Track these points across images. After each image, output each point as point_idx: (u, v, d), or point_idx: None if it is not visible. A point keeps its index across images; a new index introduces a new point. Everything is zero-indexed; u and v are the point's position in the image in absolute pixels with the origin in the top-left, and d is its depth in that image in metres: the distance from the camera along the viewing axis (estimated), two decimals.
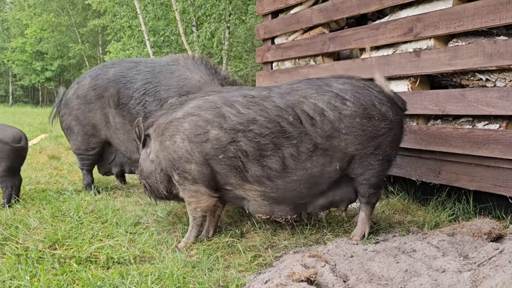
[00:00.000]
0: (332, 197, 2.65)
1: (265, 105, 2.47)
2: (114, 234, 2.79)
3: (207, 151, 2.49)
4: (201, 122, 2.50)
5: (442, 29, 2.90)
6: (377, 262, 2.15)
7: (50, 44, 28.40)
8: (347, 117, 2.42)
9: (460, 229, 2.51)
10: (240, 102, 2.51)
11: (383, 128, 2.46)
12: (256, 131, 2.43)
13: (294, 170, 2.48)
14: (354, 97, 2.45)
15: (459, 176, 2.95)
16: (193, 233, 2.71)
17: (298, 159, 2.45)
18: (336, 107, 2.43)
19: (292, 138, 2.43)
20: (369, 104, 2.45)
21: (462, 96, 2.83)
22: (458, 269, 1.98)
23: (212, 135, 2.47)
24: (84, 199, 3.66)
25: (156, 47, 14.06)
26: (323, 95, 2.46)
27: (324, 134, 2.42)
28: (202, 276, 2.18)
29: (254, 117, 2.44)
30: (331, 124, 2.42)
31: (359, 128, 2.43)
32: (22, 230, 2.80)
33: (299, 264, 2.09)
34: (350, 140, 2.44)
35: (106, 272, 2.21)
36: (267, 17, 4.74)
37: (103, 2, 15.38)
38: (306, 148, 2.43)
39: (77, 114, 3.84)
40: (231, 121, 2.46)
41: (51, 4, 26.86)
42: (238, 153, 2.46)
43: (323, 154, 2.46)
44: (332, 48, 3.84)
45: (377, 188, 2.62)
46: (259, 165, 2.47)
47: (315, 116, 2.42)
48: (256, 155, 2.45)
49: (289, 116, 2.43)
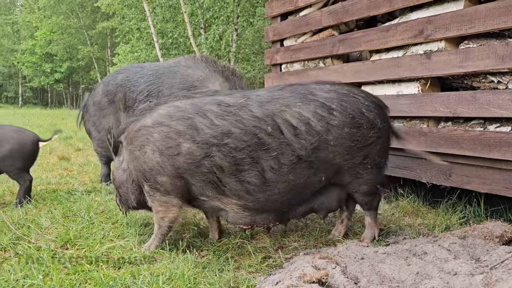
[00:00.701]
0: (312, 204, 2.56)
1: (241, 115, 2.29)
2: (125, 234, 2.81)
3: (180, 164, 2.32)
4: (172, 134, 2.32)
5: (453, 31, 2.89)
6: (388, 265, 2.15)
7: (59, 46, 28.72)
8: (335, 127, 2.31)
9: (471, 232, 2.50)
10: (214, 111, 2.32)
11: (372, 137, 2.38)
12: (231, 145, 2.26)
13: (276, 183, 2.32)
14: (341, 106, 2.34)
15: (470, 179, 2.93)
16: (155, 242, 2.54)
17: (279, 171, 2.29)
18: (323, 117, 2.30)
19: (271, 150, 2.27)
20: (357, 112, 2.36)
21: (474, 98, 2.81)
22: (470, 272, 1.97)
23: (184, 149, 2.30)
24: (94, 199, 3.69)
25: (164, 49, 14.13)
26: (309, 104, 2.33)
27: (310, 146, 2.28)
28: (213, 277, 2.19)
29: (229, 129, 2.26)
30: (318, 135, 2.29)
31: (348, 139, 2.33)
32: (34, 230, 2.83)
33: (309, 266, 2.09)
34: (339, 151, 2.34)
35: (117, 272, 2.23)
36: (276, 19, 4.75)
37: (112, 5, 15.51)
38: (288, 160, 2.28)
39: (93, 120, 4.04)
40: (204, 133, 2.28)
41: (60, 7, 27.14)
42: (213, 168, 2.30)
43: (308, 166, 2.33)
44: (341, 50, 3.84)
45: (371, 195, 2.54)
46: (236, 180, 2.30)
47: (300, 126, 2.28)
48: (232, 170, 2.28)
49: (268, 126, 2.27)
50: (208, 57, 3.70)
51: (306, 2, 4.23)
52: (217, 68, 3.58)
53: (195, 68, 3.55)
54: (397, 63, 3.31)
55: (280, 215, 2.53)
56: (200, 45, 13.52)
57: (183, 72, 3.57)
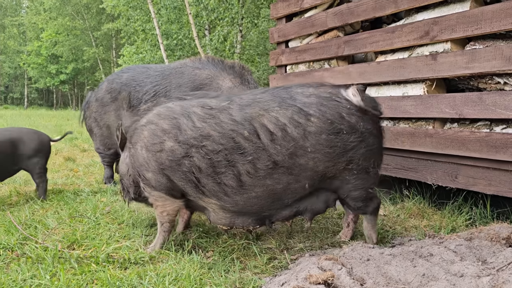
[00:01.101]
0: (297, 208, 2.49)
1: (221, 119, 2.33)
2: (131, 235, 2.82)
3: (162, 161, 2.40)
4: (158, 132, 2.42)
5: (459, 32, 2.88)
6: (394, 266, 2.14)
7: (65, 47, 28.91)
8: (312, 134, 2.24)
9: (477, 234, 2.49)
10: (197, 114, 2.38)
11: (353, 142, 2.29)
12: (209, 148, 2.30)
13: (252, 186, 2.32)
14: (319, 111, 2.27)
15: (476, 180, 2.92)
16: (160, 240, 2.61)
17: (255, 176, 2.29)
18: (299, 123, 2.25)
19: (247, 155, 2.26)
20: (337, 117, 2.27)
21: (480, 100, 2.80)
22: (477, 274, 1.96)
23: (167, 147, 2.38)
24: (100, 200, 3.71)
25: (169, 51, 14.19)
26: (286, 109, 2.28)
27: (286, 152, 2.25)
28: (219, 278, 2.20)
29: (208, 132, 2.31)
30: (294, 141, 2.24)
31: (327, 145, 2.26)
32: (41, 230, 2.86)
33: (315, 267, 2.09)
34: (319, 158, 2.27)
35: (124, 272, 2.24)
36: (281, 21, 4.76)
37: (117, 6, 15.58)
38: (264, 165, 2.26)
39: (95, 116, 4.04)
40: (186, 134, 2.35)
41: (66, 8, 27.33)
42: (192, 168, 2.35)
43: (286, 172, 2.29)
44: (347, 52, 3.84)
45: (363, 201, 2.46)
46: (214, 182, 2.34)
47: (276, 132, 2.25)
48: (209, 171, 2.32)
49: (245, 130, 2.28)
50: (214, 57, 3.71)
51: (311, 3, 4.23)
52: (225, 65, 3.58)
53: (202, 68, 3.57)
54: (403, 64, 3.30)
55: (262, 218, 2.50)
56: (205, 46, 13.56)
57: (191, 72, 3.59)
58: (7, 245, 2.55)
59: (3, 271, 2.24)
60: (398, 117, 3.46)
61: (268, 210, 2.44)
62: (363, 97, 2.39)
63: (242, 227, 2.56)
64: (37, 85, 33.20)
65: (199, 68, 3.55)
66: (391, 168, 3.57)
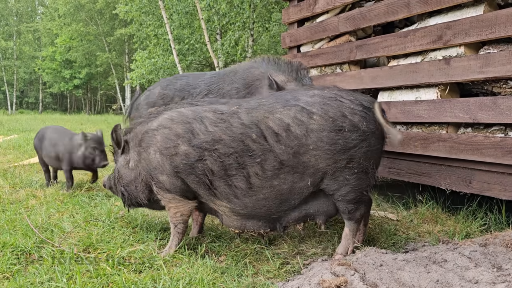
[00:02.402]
0: (306, 210, 2.50)
1: (231, 123, 2.40)
2: (145, 239, 2.86)
3: (177, 164, 2.47)
4: (172, 136, 2.49)
5: (473, 37, 2.87)
6: (407, 272, 2.13)
7: (78, 52, 29.32)
8: (314, 131, 2.28)
9: (492, 240, 2.46)
10: (209, 118, 2.46)
11: (354, 140, 2.30)
12: (221, 151, 2.37)
13: (261, 188, 2.38)
14: (322, 109, 2.31)
15: (491, 186, 2.89)
16: (174, 242, 2.65)
17: (263, 177, 2.35)
18: (302, 122, 2.30)
19: (256, 157, 2.33)
20: (339, 115, 2.30)
21: (494, 104, 2.78)
22: (492, 280, 1.94)
23: (181, 150, 2.45)
24: (114, 204, 3.75)
25: (181, 55, 14.30)
26: (289, 109, 2.34)
27: (290, 151, 2.30)
28: (232, 282, 2.21)
29: (220, 136, 2.39)
30: (297, 140, 2.29)
31: (327, 142, 2.28)
32: (57, 234, 2.90)
33: (328, 272, 2.10)
34: (320, 155, 2.30)
35: (138, 276, 2.27)
36: (293, 26, 4.79)
37: (130, 12, 15.77)
38: (271, 166, 2.33)
39: None
40: (199, 138, 2.42)
41: (80, 14, 27.74)
42: (205, 171, 2.42)
43: (291, 171, 2.34)
44: (359, 56, 3.84)
45: (357, 204, 2.44)
46: (225, 184, 2.41)
47: (281, 132, 2.31)
48: (221, 174, 2.39)
49: (253, 133, 2.34)
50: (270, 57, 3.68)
51: (323, 8, 4.25)
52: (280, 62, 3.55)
53: (256, 66, 3.56)
54: (416, 69, 3.29)
55: (272, 221, 2.52)
56: (217, 50, 13.64)
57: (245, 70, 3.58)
58: (24, 248, 2.60)
59: (21, 274, 2.29)
60: (411, 122, 3.45)
61: (276, 213, 2.47)
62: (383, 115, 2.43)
63: (253, 231, 2.56)
64: (51, 90, 33.68)
65: (253, 67, 3.55)
66: (404, 173, 3.55)
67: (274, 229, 2.56)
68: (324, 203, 2.49)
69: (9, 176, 4.88)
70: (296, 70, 3.37)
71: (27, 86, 38.20)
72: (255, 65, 3.54)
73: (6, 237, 2.76)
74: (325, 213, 2.51)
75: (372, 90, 4.02)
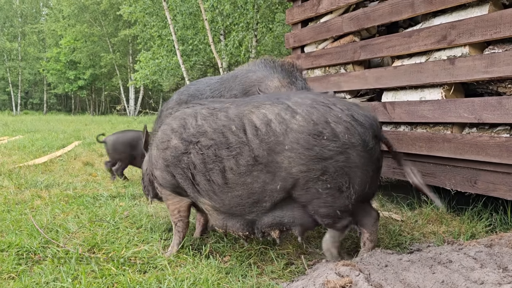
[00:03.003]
0: (279, 218, 2.37)
1: (218, 116, 2.41)
2: (149, 239, 2.86)
3: (167, 157, 2.53)
4: (167, 131, 2.56)
5: (477, 36, 2.86)
6: (412, 273, 2.13)
7: (83, 53, 29.46)
8: (293, 131, 2.18)
9: (498, 240, 2.45)
10: (202, 114, 2.48)
11: (331, 150, 2.15)
12: (203, 143, 2.38)
13: (235, 184, 2.33)
14: (306, 111, 2.21)
15: (496, 186, 2.88)
16: (175, 241, 2.69)
17: (237, 173, 2.30)
18: (284, 119, 2.22)
19: (232, 149, 2.29)
20: (322, 120, 2.18)
21: (499, 104, 2.77)
22: (498, 281, 1.93)
23: (172, 144, 2.51)
24: (119, 204, 3.77)
25: (185, 56, 14.33)
26: (276, 106, 2.28)
27: (266, 147, 2.22)
28: (236, 283, 2.22)
29: (205, 129, 2.40)
30: (274, 136, 2.21)
31: (303, 146, 2.16)
32: (62, 234, 2.92)
33: (333, 273, 2.09)
34: (294, 158, 2.18)
35: (143, 276, 2.28)
36: (296, 26, 4.78)
37: (134, 13, 15.82)
38: (245, 161, 2.27)
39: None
40: (188, 131, 2.46)
41: (84, 15, 27.85)
42: (189, 164, 2.44)
43: (263, 170, 2.25)
44: (363, 56, 3.83)
45: (332, 218, 2.28)
46: (205, 179, 2.40)
47: (261, 127, 2.25)
48: (202, 167, 2.40)
49: (233, 125, 2.32)
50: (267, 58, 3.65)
51: (327, 8, 4.24)
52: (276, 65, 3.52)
53: (254, 70, 3.55)
54: (420, 69, 3.28)
55: (249, 224, 2.47)
56: (220, 51, 13.65)
57: (244, 75, 3.58)
58: (30, 248, 2.61)
59: (27, 274, 2.30)
60: (415, 122, 3.44)
61: (249, 213, 2.41)
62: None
63: (234, 232, 2.52)
64: (56, 90, 33.87)
65: (252, 71, 3.55)
66: None
67: (252, 233, 2.49)
68: (300, 215, 2.35)
69: (14, 176, 4.91)
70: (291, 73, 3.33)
71: (32, 87, 38.38)
72: (253, 69, 3.53)
73: (11, 237, 2.78)
74: (301, 225, 2.37)
75: (377, 90, 4.01)
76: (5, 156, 6.63)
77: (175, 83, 26.94)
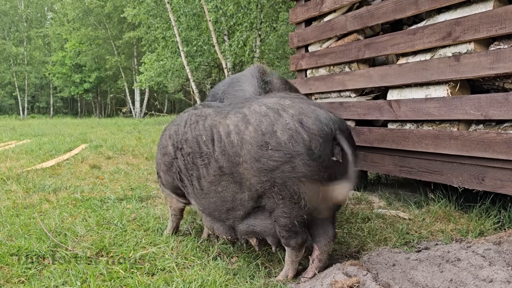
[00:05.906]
0: (253, 227, 2.35)
1: (198, 124, 2.46)
2: (157, 241, 2.87)
3: (166, 161, 2.74)
4: (166, 136, 2.74)
5: (483, 33, 2.84)
6: (420, 271, 2.12)
7: (88, 57, 29.65)
8: (246, 143, 2.15)
9: (506, 238, 2.44)
10: (190, 120, 2.55)
11: (277, 161, 2.08)
12: (184, 150, 2.52)
13: (209, 191, 2.39)
14: (258, 121, 2.15)
15: (504, 183, 2.86)
16: (169, 225, 3.07)
17: (208, 181, 2.37)
18: (240, 130, 2.20)
19: (203, 159, 2.36)
20: (269, 130, 2.10)
21: (506, 100, 2.75)
22: (507, 279, 1.92)
23: (168, 150, 2.70)
24: (126, 207, 3.79)
25: (189, 57, 14.37)
26: (236, 116, 2.26)
27: (227, 158, 2.23)
28: (244, 284, 2.22)
29: (187, 137, 2.50)
30: (233, 148, 2.20)
31: (254, 157, 2.12)
32: (71, 238, 2.94)
33: (340, 273, 2.09)
34: (249, 170, 2.16)
35: (151, 278, 2.29)
36: (300, 25, 4.78)
37: (138, 15, 15.88)
38: (213, 170, 2.31)
39: None
40: (177, 138, 2.61)
41: (89, 19, 28.00)
42: (177, 169, 2.63)
43: (230, 180, 2.26)
44: (367, 55, 3.82)
45: (289, 232, 2.21)
46: (189, 183, 2.56)
47: (224, 138, 2.25)
48: (185, 173, 2.55)
49: (203, 136, 2.37)
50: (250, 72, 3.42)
51: (330, 7, 4.24)
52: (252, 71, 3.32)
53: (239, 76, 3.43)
54: (425, 66, 3.27)
55: (230, 228, 2.48)
56: (224, 52, 13.67)
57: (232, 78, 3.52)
58: (39, 252, 2.63)
59: (36, 278, 2.32)
60: (421, 120, 3.42)
61: (226, 219, 2.44)
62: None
63: (220, 235, 2.56)
64: (62, 94, 34.10)
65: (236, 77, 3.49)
66: (415, 171, 3.53)
67: (236, 238, 2.50)
68: (271, 225, 2.29)
69: (22, 180, 4.95)
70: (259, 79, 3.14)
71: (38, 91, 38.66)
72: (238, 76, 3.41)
73: (21, 241, 2.80)
74: (273, 235, 2.31)
75: (382, 88, 4.00)
76: (13, 161, 6.68)
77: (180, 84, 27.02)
